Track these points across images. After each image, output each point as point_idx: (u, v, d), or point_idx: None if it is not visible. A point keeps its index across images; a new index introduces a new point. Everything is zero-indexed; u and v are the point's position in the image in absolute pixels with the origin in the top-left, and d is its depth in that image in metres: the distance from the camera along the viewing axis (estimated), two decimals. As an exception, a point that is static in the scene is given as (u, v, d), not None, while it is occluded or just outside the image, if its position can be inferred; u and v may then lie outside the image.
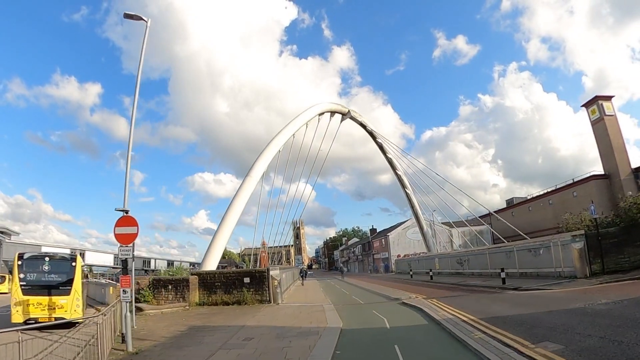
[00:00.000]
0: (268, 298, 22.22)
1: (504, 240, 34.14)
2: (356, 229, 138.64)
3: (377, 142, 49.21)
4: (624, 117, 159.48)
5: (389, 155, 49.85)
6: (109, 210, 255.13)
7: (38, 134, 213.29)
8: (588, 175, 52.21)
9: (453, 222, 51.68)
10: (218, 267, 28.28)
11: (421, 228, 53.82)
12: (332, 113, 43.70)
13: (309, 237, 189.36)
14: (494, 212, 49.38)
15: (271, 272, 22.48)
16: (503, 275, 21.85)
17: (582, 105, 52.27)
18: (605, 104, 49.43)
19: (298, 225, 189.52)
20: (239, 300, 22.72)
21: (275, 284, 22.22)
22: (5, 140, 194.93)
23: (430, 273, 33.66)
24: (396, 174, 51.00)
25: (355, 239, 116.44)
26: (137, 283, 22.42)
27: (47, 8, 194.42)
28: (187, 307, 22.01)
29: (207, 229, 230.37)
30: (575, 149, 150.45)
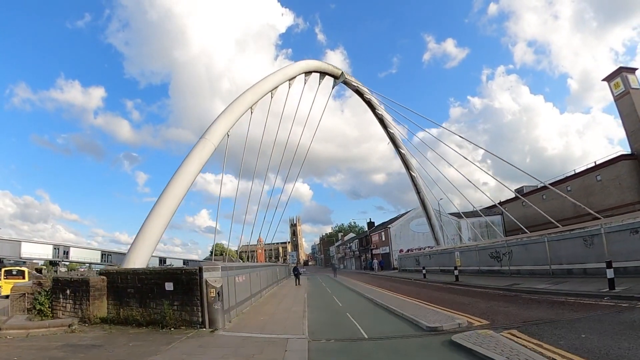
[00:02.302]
0: (200, 318, 12.25)
1: (526, 230, 24.69)
2: (352, 224, 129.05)
3: (376, 114, 39.12)
4: (609, 117, 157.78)
5: (391, 130, 39.87)
6: (114, 209, 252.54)
7: (44, 137, 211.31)
8: (616, 155, 42.98)
9: (459, 213, 42.81)
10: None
11: (429, 218, 43.75)
12: (322, 74, 33.68)
13: (306, 234, 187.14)
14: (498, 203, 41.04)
15: (207, 275, 12.35)
16: (610, 274, 11.83)
17: (604, 79, 43.52)
18: (631, 76, 40.67)
19: (295, 222, 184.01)
20: (157, 321, 12.78)
21: (213, 294, 12.28)
22: (12, 143, 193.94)
23: (456, 272, 23.57)
24: (399, 152, 40.99)
25: (351, 234, 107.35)
26: (39, 284, 15.80)
27: (52, 15, 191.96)
28: (73, 327, 12.50)
29: (208, 227, 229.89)
30: (561, 149, 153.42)
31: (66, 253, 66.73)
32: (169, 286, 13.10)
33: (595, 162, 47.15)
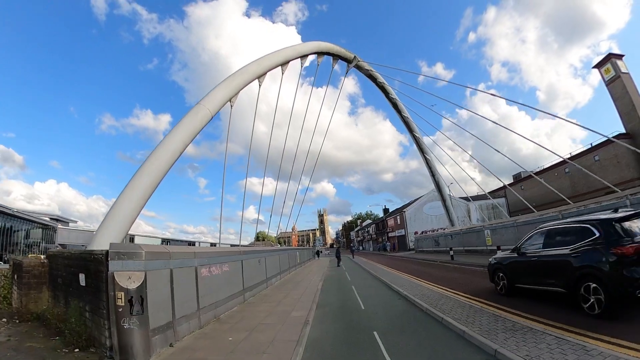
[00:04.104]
0: (109, 340, 5.59)
1: (533, 210, 18.26)
2: (369, 213, 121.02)
3: (390, 99, 31.51)
4: (573, 120, 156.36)
5: (404, 114, 32.10)
6: (182, 207, 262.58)
7: (127, 153, 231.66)
8: (614, 135, 34.15)
9: (463, 196, 36.53)
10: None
11: (444, 200, 35.51)
12: (335, 57, 26.45)
13: (331, 223, 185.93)
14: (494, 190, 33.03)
15: (117, 267, 5.06)
16: None
17: (594, 67, 36.04)
18: (619, 62, 33.70)
19: (322, 213, 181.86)
20: (62, 330, 6.16)
21: (122, 302, 4.93)
22: (103, 159, 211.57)
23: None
24: (413, 136, 33.01)
25: (368, 221, 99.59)
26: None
27: (129, 60, 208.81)
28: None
29: (255, 219, 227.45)
30: (533, 149, 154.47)
31: (132, 239, 63.00)
32: (82, 279, 6.36)
33: (591, 144, 39.60)
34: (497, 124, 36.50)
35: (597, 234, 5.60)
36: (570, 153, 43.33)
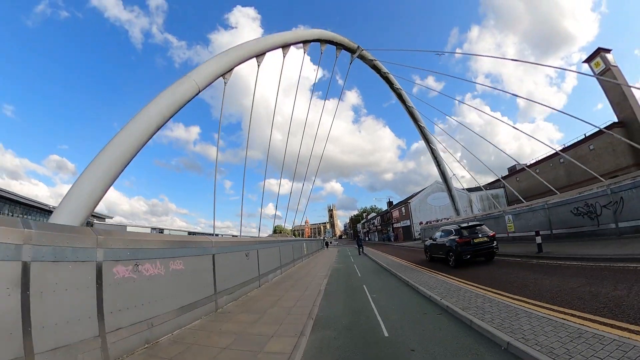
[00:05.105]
0: None
1: (523, 201, 15.67)
2: (373, 207, 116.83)
3: (394, 90, 27.47)
4: (548, 125, 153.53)
5: (409, 104, 28.05)
6: (211, 205, 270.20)
7: (162, 160, 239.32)
8: (608, 124, 31.25)
9: (463, 188, 33.38)
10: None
11: (449, 189, 31.22)
12: (338, 47, 22.69)
13: (340, 217, 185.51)
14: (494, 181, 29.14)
15: None
16: None
17: (584, 62, 31.79)
18: (608, 55, 29.87)
19: (331, 208, 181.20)
20: None
21: None
22: (143, 165, 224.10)
23: (538, 239, 10.21)
24: (418, 126, 28.89)
25: (373, 214, 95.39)
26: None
27: (162, 81, 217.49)
28: None
29: (273, 215, 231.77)
30: (516, 149, 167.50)
31: (161, 232, 61.29)
32: None
33: (585, 135, 35.93)
34: (497, 118, 31.96)
35: (454, 233, 10.88)
36: (564, 145, 39.75)
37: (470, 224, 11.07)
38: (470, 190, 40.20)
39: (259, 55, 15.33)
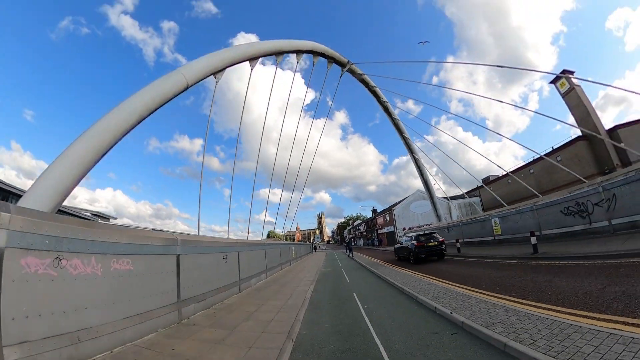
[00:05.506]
0: None
1: (505, 205, 16.13)
2: (359, 215, 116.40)
3: (381, 103, 27.05)
4: (513, 143, 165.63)
5: (395, 117, 27.64)
6: (211, 211, 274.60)
7: (167, 169, 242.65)
8: (574, 137, 32.50)
9: (442, 196, 32.90)
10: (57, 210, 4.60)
11: (432, 196, 30.74)
12: (330, 60, 22.10)
13: (328, 224, 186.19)
14: (472, 190, 28.97)
15: None
16: None
17: (551, 82, 32.97)
18: (572, 77, 30.92)
19: (320, 216, 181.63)
20: None
21: None
22: (149, 172, 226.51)
23: (533, 240, 9.41)
24: (403, 137, 28.48)
25: (358, 221, 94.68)
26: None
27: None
28: None
29: (268, 221, 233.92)
30: (485, 165, 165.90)
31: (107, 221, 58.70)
32: None
33: (552, 147, 36.89)
34: (491, 131, 32.01)
35: (414, 239, 14.05)
36: (533, 157, 40.45)
37: (425, 232, 15.38)
38: (449, 198, 40.00)
39: (253, 60, 14.33)
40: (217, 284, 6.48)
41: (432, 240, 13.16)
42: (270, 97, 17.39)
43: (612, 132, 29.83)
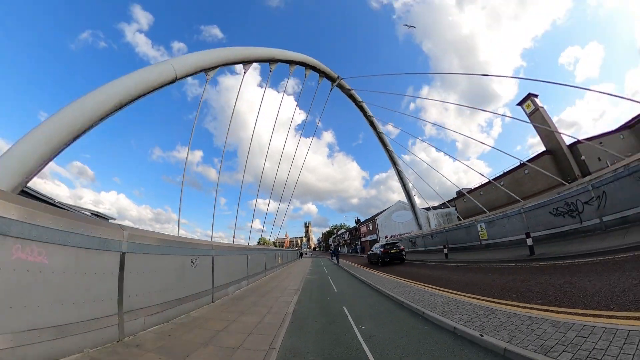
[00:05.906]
0: None
1: (486, 212, 14.63)
2: (342, 224, 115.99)
3: (367, 117, 26.93)
4: (480, 162, 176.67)
5: (380, 131, 27.51)
6: (207, 217, 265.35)
7: (169, 177, 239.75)
8: (540, 152, 33.99)
9: (420, 206, 33.96)
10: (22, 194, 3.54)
11: (413, 206, 30.43)
12: (321, 74, 21.76)
13: (314, 232, 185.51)
14: (448, 200, 29.63)
15: None
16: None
17: (517, 104, 34.74)
18: (536, 99, 33.34)
19: (307, 225, 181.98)
20: None
21: None
22: (152, 180, 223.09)
23: (529, 241, 8.84)
24: (387, 150, 28.32)
25: (342, 230, 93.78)
26: None
27: (175, 111, 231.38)
28: None
29: (259, 229, 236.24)
30: (455, 181, 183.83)
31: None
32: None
33: (520, 161, 39.94)
34: (482, 139, 32.57)
35: (381, 246, 16.56)
36: (503, 171, 41.89)
37: (390, 241, 18.30)
38: (431, 208, 40.06)
39: (246, 63, 13.43)
40: (182, 292, 5.17)
41: (394, 248, 15.79)
42: (260, 107, 16.44)
43: (573, 147, 31.25)
